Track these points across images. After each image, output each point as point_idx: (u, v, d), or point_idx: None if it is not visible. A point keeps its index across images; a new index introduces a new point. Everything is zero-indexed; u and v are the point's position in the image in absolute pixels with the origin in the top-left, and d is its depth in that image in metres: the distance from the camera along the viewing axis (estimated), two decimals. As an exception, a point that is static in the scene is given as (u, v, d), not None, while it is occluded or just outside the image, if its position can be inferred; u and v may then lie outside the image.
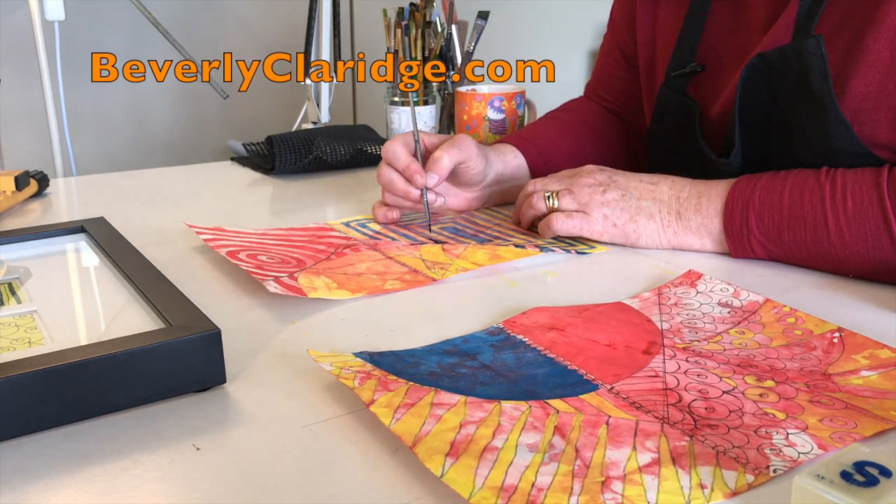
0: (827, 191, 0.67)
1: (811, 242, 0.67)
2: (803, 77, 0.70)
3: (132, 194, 1.03)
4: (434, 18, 1.25)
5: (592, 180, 0.77)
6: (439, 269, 0.71)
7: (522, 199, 0.83)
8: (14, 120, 2.11)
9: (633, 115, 1.01)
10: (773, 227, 0.69)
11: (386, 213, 0.85)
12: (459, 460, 0.41)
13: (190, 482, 0.41)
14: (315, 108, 1.57)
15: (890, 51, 0.67)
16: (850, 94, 0.69)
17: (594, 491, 0.39)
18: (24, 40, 1.93)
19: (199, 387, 0.49)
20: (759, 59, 0.74)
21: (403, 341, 0.57)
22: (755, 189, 0.70)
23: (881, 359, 0.52)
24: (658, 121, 0.90)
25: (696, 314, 0.60)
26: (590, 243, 0.78)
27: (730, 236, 0.71)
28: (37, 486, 0.41)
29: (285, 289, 0.64)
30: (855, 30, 0.69)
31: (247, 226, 0.84)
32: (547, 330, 0.57)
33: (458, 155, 0.82)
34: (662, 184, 0.76)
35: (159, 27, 1.77)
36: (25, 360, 0.45)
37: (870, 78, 0.68)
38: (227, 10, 2.41)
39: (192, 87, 2.35)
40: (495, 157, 0.89)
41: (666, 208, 0.75)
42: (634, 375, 0.51)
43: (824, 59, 0.68)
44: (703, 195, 0.73)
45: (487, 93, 1.10)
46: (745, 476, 0.40)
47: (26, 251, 0.70)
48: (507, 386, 0.49)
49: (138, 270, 0.60)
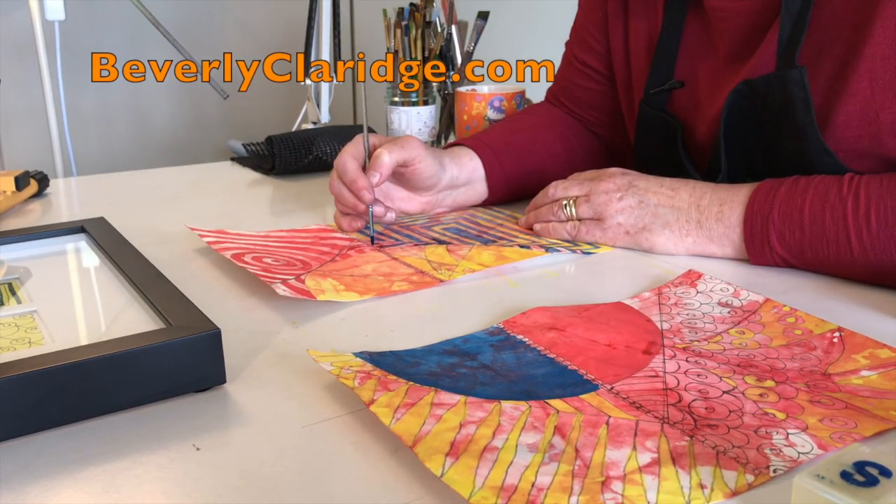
0: (850, 207, 0.64)
1: (834, 261, 0.66)
2: (786, 106, 0.70)
3: (132, 194, 1.03)
4: (434, 18, 1.25)
5: (612, 185, 0.76)
6: (445, 269, 0.71)
7: (540, 203, 0.82)
8: (14, 120, 2.11)
9: (596, 125, 1.00)
10: (794, 245, 0.67)
11: (350, 222, 0.82)
12: (459, 460, 0.41)
13: (190, 482, 0.41)
14: (315, 108, 1.57)
15: (869, 80, 0.66)
16: (833, 124, 0.69)
17: (594, 491, 0.39)
18: (24, 40, 1.93)
19: (199, 387, 0.49)
20: (745, 86, 0.74)
21: (403, 341, 0.57)
22: (774, 202, 0.68)
23: (881, 358, 0.52)
24: (641, 137, 0.89)
25: (696, 314, 0.60)
26: (596, 243, 0.78)
27: (751, 251, 0.70)
28: (37, 486, 0.41)
29: (294, 291, 0.63)
30: (835, 59, 0.69)
31: (247, 226, 0.84)
32: (547, 330, 0.57)
33: (400, 153, 0.80)
34: (682, 190, 0.74)
35: (159, 27, 1.77)
36: (25, 360, 0.45)
37: (850, 108, 0.68)
38: (227, 10, 2.41)
39: (192, 87, 2.35)
40: (450, 162, 0.87)
41: (685, 217, 0.73)
42: (634, 375, 0.51)
43: (806, 89, 0.68)
44: (725, 203, 0.71)
45: (487, 93, 1.10)
46: (745, 476, 0.40)
47: (26, 251, 0.70)
48: (507, 386, 0.49)
49: (138, 270, 0.60)
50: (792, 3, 0.70)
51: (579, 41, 0.98)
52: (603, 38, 0.94)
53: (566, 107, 1.02)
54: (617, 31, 0.92)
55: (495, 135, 0.94)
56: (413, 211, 0.88)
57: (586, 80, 0.98)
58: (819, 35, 0.70)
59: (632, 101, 0.92)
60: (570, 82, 1.01)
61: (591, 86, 0.98)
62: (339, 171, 0.81)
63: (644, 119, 0.88)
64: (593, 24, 0.95)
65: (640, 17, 0.88)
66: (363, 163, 0.81)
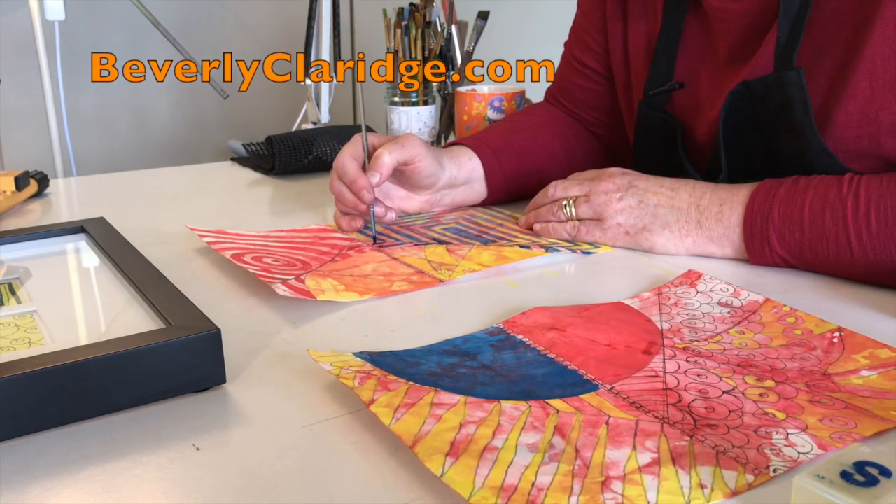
0: (850, 207, 0.64)
1: (834, 261, 0.66)
2: (785, 107, 0.70)
3: (132, 194, 1.03)
4: (434, 18, 1.25)
5: (612, 185, 0.76)
6: (445, 269, 0.71)
7: (540, 203, 0.82)
8: (14, 120, 2.11)
9: (595, 125, 1.00)
10: (794, 245, 0.67)
11: (350, 221, 0.82)
12: (459, 460, 0.41)
13: (190, 482, 0.41)
14: (315, 108, 1.57)
15: (869, 80, 0.66)
16: (833, 124, 0.69)
17: (594, 491, 0.39)
18: (24, 40, 1.93)
19: (199, 387, 0.49)
20: (743, 87, 0.74)
21: (403, 341, 0.57)
22: (774, 202, 0.68)
23: (881, 358, 0.52)
24: (640, 137, 0.89)
25: (696, 314, 0.60)
26: (596, 243, 0.78)
27: (751, 251, 0.70)
28: (37, 486, 0.41)
29: (294, 291, 0.63)
30: (835, 59, 0.69)
31: (247, 226, 0.84)
32: (547, 330, 0.57)
33: (400, 153, 0.80)
34: (682, 190, 0.74)
35: (159, 27, 1.77)
36: (25, 360, 0.45)
37: (851, 107, 0.68)
38: (227, 10, 2.41)
39: (192, 87, 2.35)
40: (449, 161, 0.87)
41: (684, 217, 0.73)
42: (634, 375, 0.51)
43: (805, 90, 0.68)
44: (725, 203, 0.71)
45: (487, 93, 1.10)
46: (744, 476, 0.40)
47: (26, 251, 0.70)
48: (507, 386, 0.49)
49: (138, 270, 0.60)
50: (790, 5, 0.70)
51: (578, 41, 0.98)
52: (602, 38, 0.94)
53: (565, 107, 1.02)
54: (616, 31, 0.92)
55: (494, 134, 0.94)
56: (412, 210, 0.88)
57: (585, 80, 0.98)
58: (819, 35, 0.70)
59: (631, 101, 0.92)
60: (569, 82, 1.01)
61: (589, 86, 0.98)
62: (339, 171, 0.81)
63: (643, 120, 0.87)
64: (592, 25, 0.95)
65: (639, 18, 0.88)
66: (363, 162, 0.81)
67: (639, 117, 0.88)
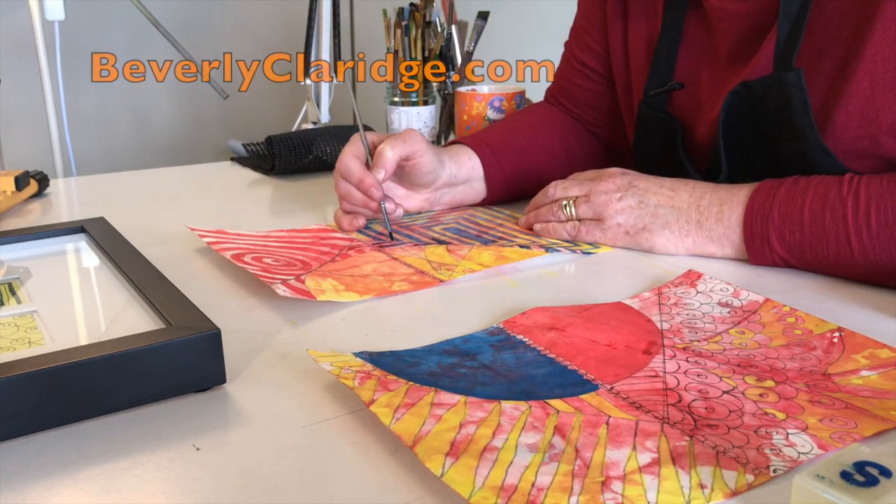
0: (850, 207, 0.64)
1: (834, 261, 0.66)
2: (785, 108, 0.70)
3: (132, 194, 1.03)
4: (434, 18, 1.25)
5: (612, 185, 0.76)
6: (445, 269, 0.71)
7: (540, 203, 0.82)
8: (14, 120, 2.11)
9: (595, 125, 1.00)
10: (794, 245, 0.67)
11: (352, 220, 0.82)
12: (459, 460, 0.41)
13: (190, 482, 0.41)
14: (315, 108, 1.57)
15: (869, 80, 0.66)
16: (833, 124, 0.69)
17: (594, 491, 0.39)
18: (24, 40, 1.93)
19: (199, 387, 0.49)
20: (742, 87, 0.73)
21: (403, 341, 0.57)
22: (774, 202, 0.68)
23: (881, 358, 0.52)
24: (640, 137, 0.89)
25: (696, 314, 0.60)
26: (596, 243, 0.78)
27: (751, 251, 0.69)
28: (37, 486, 0.41)
29: (294, 292, 0.63)
30: (835, 59, 0.69)
31: (247, 226, 0.84)
32: (547, 330, 0.57)
33: (402, 148, 0.80)
34: (682, 190, 0.74)
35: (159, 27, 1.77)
36: (25, 360, 0.45)
37: (851, 107, 0.68)
38: (227, 10, 2.41)
39: (192, 87, 2.35)
40: (449, 159, 0.87)
41: (684, 217, 0.73)
42: (634, 375, 0.51)
43: (804, 91, 0.68)
44: (725, 203, 0.71)
45: (487, 93, 1.10)
46: (745, 476, 0.40)
47: (26, 251, 0.70)
48: (507, 386, 0.49)
49: (138, 270, 0.60)
50: (790, 5, 0.70)
51: (578, 41, 0.98)
52: (602, 38, 0.94)
53: (565, 107, 1.02)
54: (616, 31, 0.92)
55: (494, 134, 0.94)
56: (412, 209, 0.89)
57: (585, 80, 0.98)
58: (819, 35, 0.70)
59: (631, 101, 0.92)
60: (568, 82, 1.01)
61: (589, 86, 0.98)
62: (343, 172, 0.81)
63: (644, 120, 0.87)
64: (592, 25, 0.95)
65: (639, 18, 0.88)
66: (365, 161, 0.81)
67: (639, 117, 0.88)
